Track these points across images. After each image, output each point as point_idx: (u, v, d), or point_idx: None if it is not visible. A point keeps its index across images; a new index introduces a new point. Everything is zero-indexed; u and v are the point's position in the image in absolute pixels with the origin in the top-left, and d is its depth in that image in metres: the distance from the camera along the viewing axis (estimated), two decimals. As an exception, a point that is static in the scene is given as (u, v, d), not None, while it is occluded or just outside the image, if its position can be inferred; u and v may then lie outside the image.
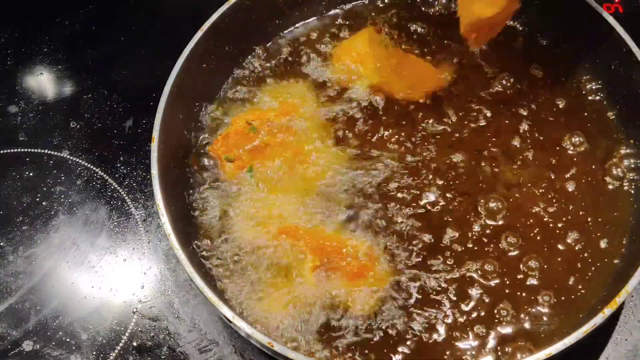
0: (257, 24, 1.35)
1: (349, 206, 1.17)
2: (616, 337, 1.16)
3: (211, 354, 1.18)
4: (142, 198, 1.35)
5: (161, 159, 1.13)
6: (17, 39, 1.59)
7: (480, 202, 1.17)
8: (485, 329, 1.06)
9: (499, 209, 1.16)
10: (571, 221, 1.15)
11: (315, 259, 1.10)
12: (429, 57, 1.33)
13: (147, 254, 1.29)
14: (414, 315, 1.07)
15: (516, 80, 1.29)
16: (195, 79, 1.25)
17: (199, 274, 1.02)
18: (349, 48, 1.33)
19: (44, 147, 1.42)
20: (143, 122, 1.43)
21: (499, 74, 1.29)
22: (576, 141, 1.22)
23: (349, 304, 1.08)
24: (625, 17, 1.44)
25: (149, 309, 1.23)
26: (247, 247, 1.14)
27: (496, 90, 1.28)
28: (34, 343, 1.21)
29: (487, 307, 1.08)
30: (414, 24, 1.37)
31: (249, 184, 1.20)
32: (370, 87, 1.28)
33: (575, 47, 1.30)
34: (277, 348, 0.97)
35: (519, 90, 1.28)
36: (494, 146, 1.22)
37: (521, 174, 1.20)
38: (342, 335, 1.06)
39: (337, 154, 1.22)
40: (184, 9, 1.60)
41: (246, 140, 1.23)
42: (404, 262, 1.11)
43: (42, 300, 1.25)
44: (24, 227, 1.33)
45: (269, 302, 1.09)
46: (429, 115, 1.26)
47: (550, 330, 1.06)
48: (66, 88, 1.51)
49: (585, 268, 1.11)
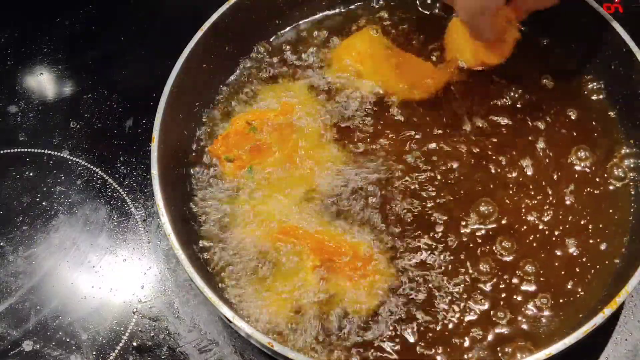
0: (257, 24, 1.35)
1: (349, 206, 1.17)
2: (616, 337, 1.16)
3: (211, 354, 1.18)
4: (142, 198, 1.35)
5: (161, 159, 1.13)
6: (17, 39, 1.59)
7: (480, 203, 1.16)
8: (484, 330, 1.06)
9: (500, 210, 1.16)
10: (571, 221, 1.15)
11: (315, 259, 1.10)
12: (428, 57, 1.33)
13: (147, 254, 1.29)
14: (414, 315, 1.07)
15: (516, 80, 1.29)
16: (195, 79, 1.25)
17: (199, 274, 1.02)
18: (348, 48, 1.33)
19: (44, 147, 1.42)
20: (143, 122, 1.43)
21: (498, 74, 1.29)
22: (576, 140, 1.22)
23: (348, 304, 1.08)
24: (625, 17, 1.45)
25: (149, 309, 1.23)
26: (247, 246, 1.14)
27: (495, 89, 1.28)
28: (34, 343, 1.21)
29: (487, 308, 1.08)
30: (414, 24, 1.37)
31: (249, 183, 1.20)
32: (370, 87, 1.28)
33: (576, 47, 1.30)
34: (277, 348, 0.97)
35: (518, 89, 1.28)
36: (494, 147, 1.22)
37: (521, 174, 1.20)
38: (342, 335, 1.06)
39: (337, 154, 1.22)
40: (184, 9, 1.60)
41: (246, 140, 1.23)
42: (404, 262, 1.11)
43: (42, 300, 1.25)
44: (24, 227, 1.33)
45: (269, 302, 1.09)
46: (429, 115, 1.26)
47: (550, 330, 1.06)
48: (66, 88, 1.51)
49: (585, 268, 1.11)
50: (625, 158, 1.20)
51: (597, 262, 1.11)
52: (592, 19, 1.23)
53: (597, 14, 1.22)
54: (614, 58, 1.22)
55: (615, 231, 1.14)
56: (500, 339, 1.06)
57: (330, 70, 1.32)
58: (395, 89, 1.28)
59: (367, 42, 1.32)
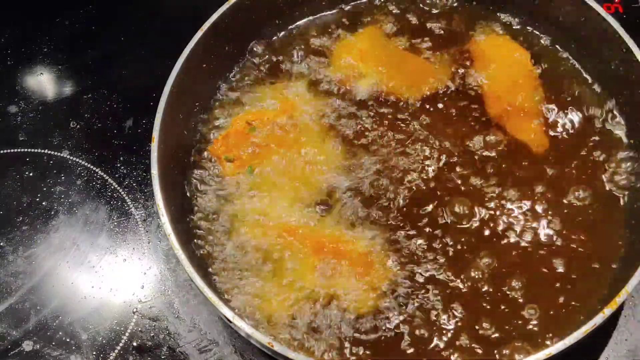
0: (257, 24, 1.35)
1: (349, 205, 1.17)
2: (616, 337, 1.16)
3: (211, 354, 1.18)
4: (142, 198, 1.35)
5: (161, 159, 1.13)
6: (17, 39, 1.59)
7: (479, 204, 1.16)
8: (484, 330, 1.06)
9: (500, 209, 1.16)
10: (570, 221, 1.15)
11: (315, 259, 1.10)
12: (429, 57, 1.33)
13: (147, 254, 1.29)
14: (412, 315, 1.07)
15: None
16: (195, 79, 1.25)
17: (199, 274, 1.02)
18: (349, 47, 1.33)
19: (44, 147, 1.42)
20: (143, 122, 1.43)
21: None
22: (574, 141, 1.22)
23: (348, 303, 1.08)
24: (625, 17, 1.45)
25: (149, 309, 1.23)
26: (247, 246, 1.14)
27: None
28: (34, 343, 1.21)
29: (486, 307, 1.08)
30: (414, 24, 1.37)
31: (249, 183, 1.20)
32: (370, 86, 1.28)
33: (575, 47, 1.30)
34: (277, 348, 0.97)
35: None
36: (493, 146, 1.22)
37: (521, 174, 1.20)
38: (341, 335, 1.06)
39: (338, 153, 1.22)
40: (184, 9, 1.60)
41: (246, 140, 1.23)
42: (404, 262, 1.11)
43: (42, 300, 1.25)
44: (24, 227, 1.33)
45: (269, 301, 1.09)
46: (429, 114, 1.26)
47: (550, 330, 1.06)
48: (66, 88, 1.51)
49: (585, 268, 1.11)
50: (625, 158, 1.20)
51: (597, 260, 1.11)
52: (592, 19, 1.23)
53: (597, 14, 1.22)
54: (614, 58, 1.22)
55: (614, 231, 1.14)
56: (500, 339, 1.06)
57: (331, 69, 1.32)
58: (395, 88, 1.28)
59: (367, 41, 1.32)
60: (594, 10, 1.23)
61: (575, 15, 1.26)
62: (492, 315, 1.07)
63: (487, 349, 1.05)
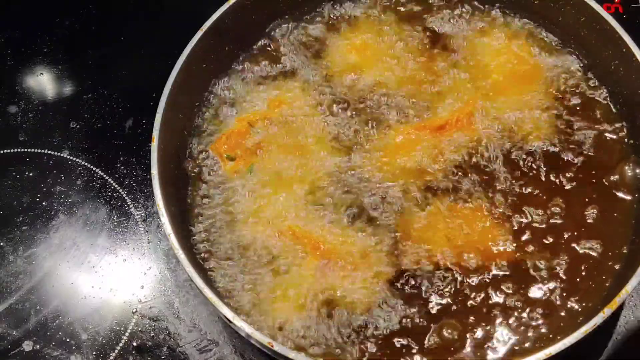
0: (257, 24, 1.35)
1: (349, 205, 1.17)
2: (616, 337, 1.16)
3: (211, 354, 1.18)
4: (142, 198, 1.35)
5: (161, 159, 1.13)
6: (17, 39, 1.59)
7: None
8: (484, 329, 1.06)
9: (501, 209, 1.16)
10: (571, 222, 1.15)
11: (315, 258, 1.10)
12: (428, 56, 1.33)
13: (147, 254, 1.29)
14: (412, 314, 1.07)
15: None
16: (195, 79, 1.25)
17: (199, 274, 1.02)
18: (349, 46, 1.33)
19: (44, 147, 1.42)
20: (143, 122, 1.43)
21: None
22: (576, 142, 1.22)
23: (348, 303, 1.08)
24: (625, 17, 1.45)
25: (149, 309, 1.23)
26: (247, 245, 1.14)
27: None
28: (34, 343, 1.21)
29: (486, 307, 1.08)
30: (414, 19, 1.37)
31: (250, 183, 1.20)
32: (370, 86, 1.28)
33: (576, 47, 1.30)
34: (277, 348, 0.97)
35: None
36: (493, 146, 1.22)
37: (521, 175, 1.20)
38: (341, 334, 1.06)
39: (338, 153, 1.22)
40: (184, 9, 1.60)
41: (247, 139, 1.23)
42: (404, 262, 1.11)
43: (42, 300, 1.25)
44: (24, 227, 1.33)
45: (269, 301, 1.09)
46: (429, 113, 1.26)
47: (550, 330, 1.06)
48: (66, 88, 1.51)
49: (585, 268, 1.11)
50: (625, 158, 1.20)
51: (597, 260, 1.11)
52: (592, 19, 1.23)
53: (597, 14, 1.22)
54: (614, 58, 1.22)
55: (615, 231, 1.14)
56: (499, 339, 1.06)
57: (331, 68, 1.32)
58: (395, 88, 1.28)
59: (367, 41, 1.32)
60: (594, 10, 1.23)
61: (575, 15, 1.27)
62: (492, 315, 1.07)
63: (487, 349, 1.05)
